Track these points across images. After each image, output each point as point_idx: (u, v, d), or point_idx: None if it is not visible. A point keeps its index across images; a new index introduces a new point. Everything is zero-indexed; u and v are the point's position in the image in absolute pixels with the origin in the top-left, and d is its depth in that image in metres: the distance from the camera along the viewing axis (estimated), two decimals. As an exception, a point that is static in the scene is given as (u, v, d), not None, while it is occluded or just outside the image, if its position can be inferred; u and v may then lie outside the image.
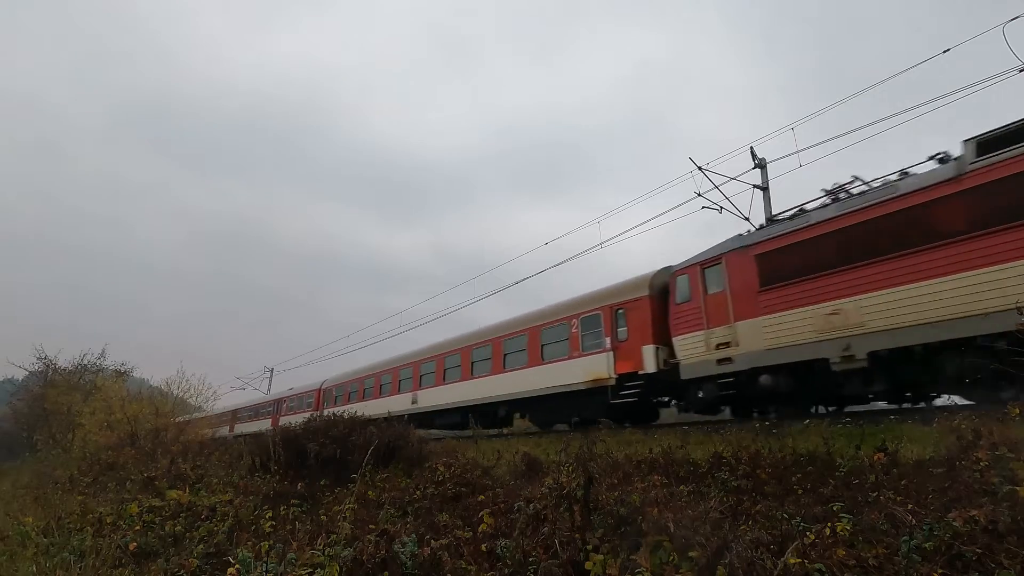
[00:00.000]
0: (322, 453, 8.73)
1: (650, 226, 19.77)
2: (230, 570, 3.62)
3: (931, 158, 9.84)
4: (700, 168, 17.29)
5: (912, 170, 10.11)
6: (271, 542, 4.39)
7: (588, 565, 3.14)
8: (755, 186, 17.07)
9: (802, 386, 10.84)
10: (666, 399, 14.43)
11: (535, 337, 17.13)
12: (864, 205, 9.90)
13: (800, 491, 4.87)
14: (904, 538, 3.03)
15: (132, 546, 4.94)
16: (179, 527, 5.53)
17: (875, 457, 5.33)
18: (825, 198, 11.22)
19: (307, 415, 11.46)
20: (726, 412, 12.96)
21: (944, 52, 12.88)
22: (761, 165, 17.12)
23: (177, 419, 21.03)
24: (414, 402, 23.00)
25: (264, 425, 33.18)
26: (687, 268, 12.96)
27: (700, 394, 12.27)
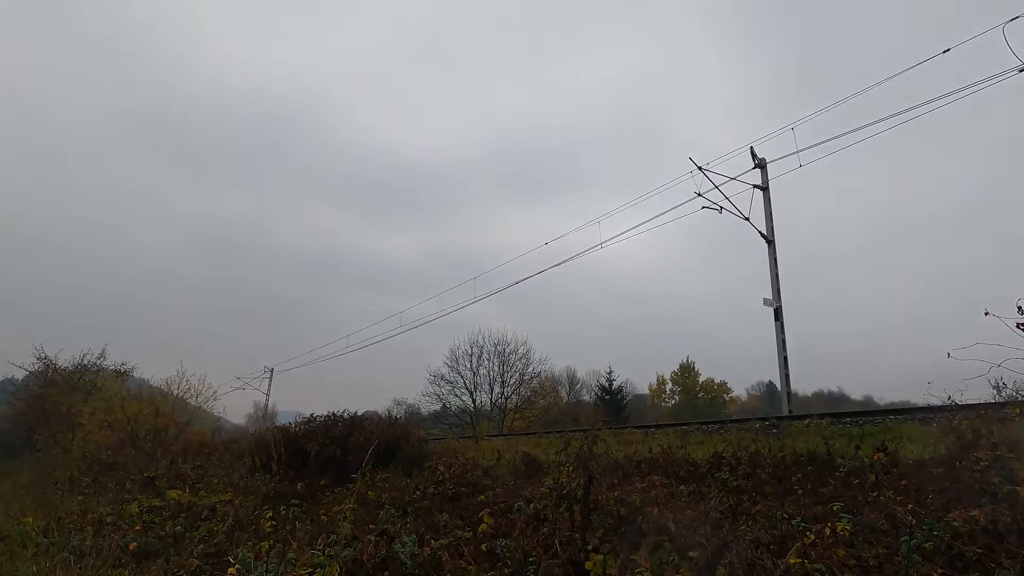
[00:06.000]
0: (322, 453, 8.73)
1: (649, 226, 19.78)
2: (230, 570, 3.62)
3: None
4: (700, 168, 17.30)
5: None
6: (271, 542, 4.39)
7: (588, 565, 3.14)
8: (755, 186, 17.08)
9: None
10: None
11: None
12: None
13: (800, 491, 4.87)
14: (904, 538, 3.02)
15: (132, 546, 4.95)
16: (179, 527, 5.53)
17: (875, 457, 5.33)
18: None
19: None
20: None
21: (944, 52, 12.90)
22: (761, 165, 17.12)
23: None
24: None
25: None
26: None
27: None
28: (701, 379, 52.57)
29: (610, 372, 44.90)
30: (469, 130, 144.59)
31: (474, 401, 37.88)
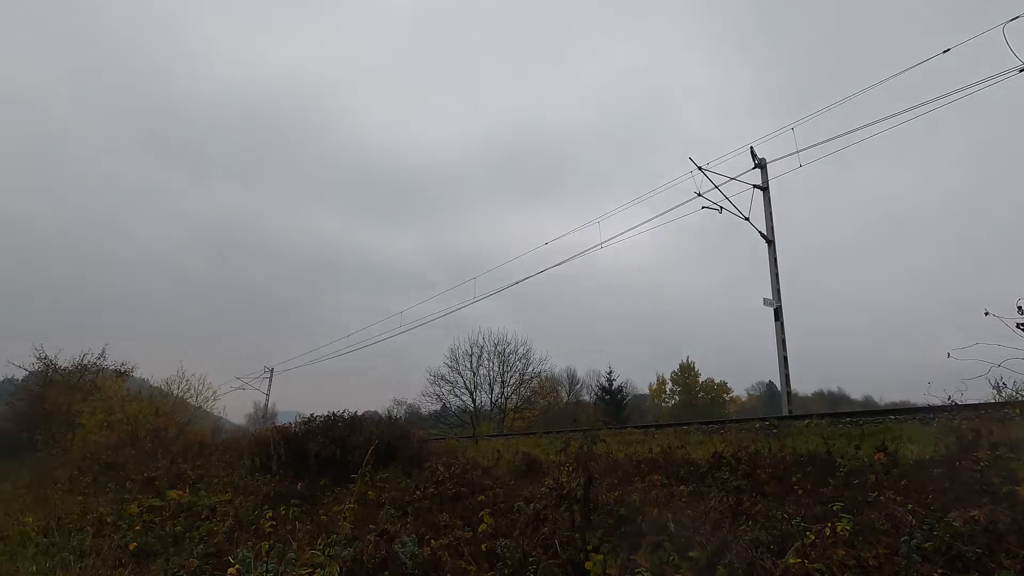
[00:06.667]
0: (322, 453, 8.73)
1: (649, 226, 19.79)
2: (230, 570, 3.62)
3: None
4: (700, 168, 17.30)
5: None
6: (271, 542, 4.39)
7: (588, 565, 3.14)
8: (755, 186, 17.07)
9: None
10: None
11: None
12: None
13: (800, 491, 4.87)
14: (904, 538, 3.02)
15: (132, 546, 4.94)
16: (179, 527, 5.53)
17: (875, 457, 5.33)
18: None
19: None
20: None
21: (944, 52, 12.90)
22: (761, 165, 17.12)
23: None
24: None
25: None
26: None
27: None
28: (701, 379, 52.59)
29: (610, 372, 44.93)
30: (470, 130, 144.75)
31: (474, 401, 37.90)
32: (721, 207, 17.25)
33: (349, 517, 4.82)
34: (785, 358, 15.41)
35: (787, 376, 15.32)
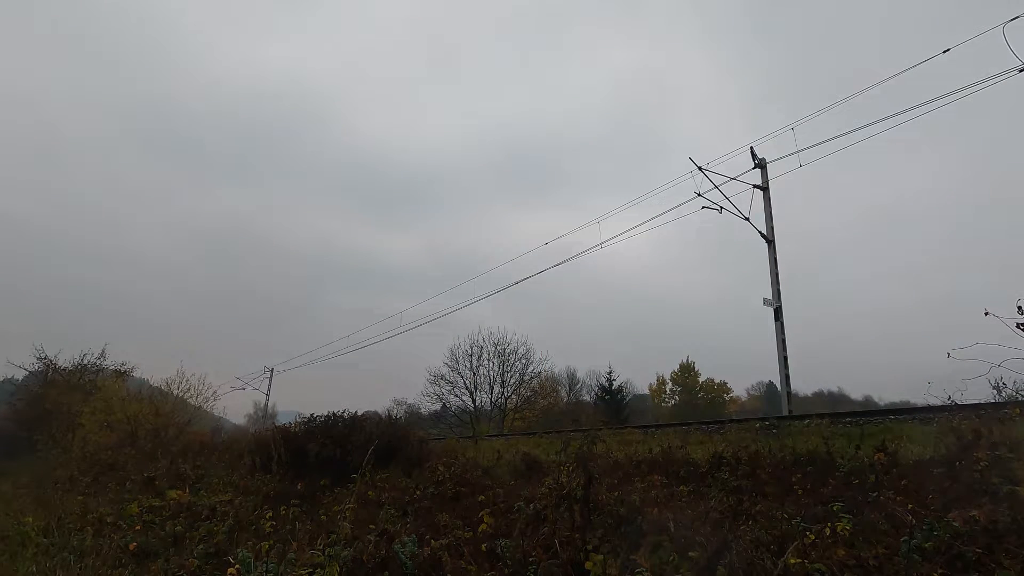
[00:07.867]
0: (322, 453, 8.73)
1: (649, 226, 19.79)
2: (230, 570, 3.62)
3: None
4: (700, 168, 17.30)
5: None
6: (271, 542, 4.39)
7: (588, 565, 3.14)
8: (755, 186, 17.07)
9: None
10: None
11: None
12: None
13: (800, 491, 4.87)
14: (904, 538, 3.02)
15: (132, 546, 4.94)
16: (179, 527, 5.53)
17: (875, 457, 5.33)
18: None
19: None
20: None
21: (944, 52, 12.90)
22: (761, 165, 17.11)
23: None
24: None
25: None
26: None
27: None
28: (701, 379, 52.57)
29: (610, 372, 44.90)
30: (469, 131, 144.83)
31: (474, 401, 37.91)
32: (721, 207, 17.26)
33: (349, 517, 4.81)
34: (785, 358, 15.41)
35: (787, 376, 15.32)
